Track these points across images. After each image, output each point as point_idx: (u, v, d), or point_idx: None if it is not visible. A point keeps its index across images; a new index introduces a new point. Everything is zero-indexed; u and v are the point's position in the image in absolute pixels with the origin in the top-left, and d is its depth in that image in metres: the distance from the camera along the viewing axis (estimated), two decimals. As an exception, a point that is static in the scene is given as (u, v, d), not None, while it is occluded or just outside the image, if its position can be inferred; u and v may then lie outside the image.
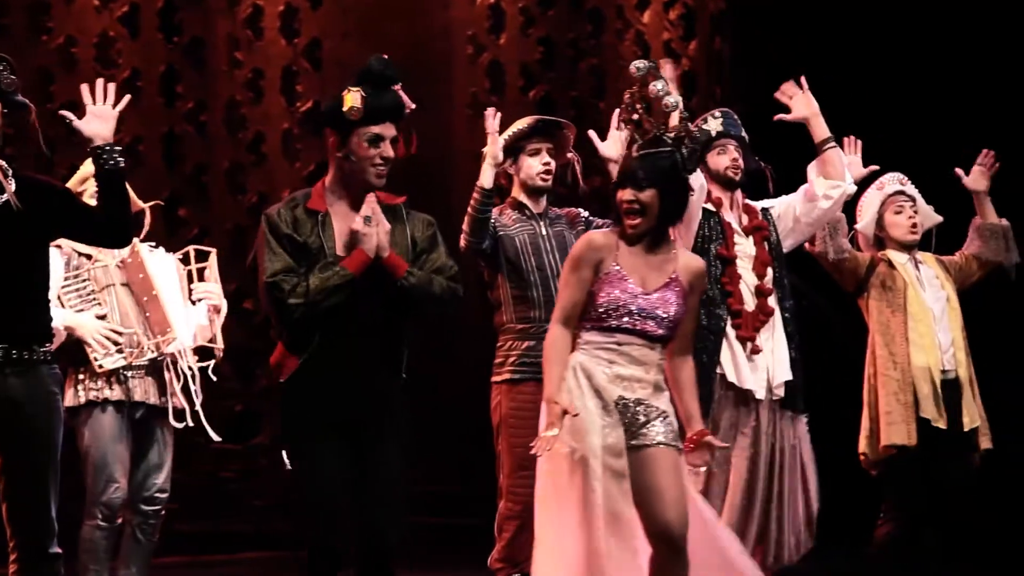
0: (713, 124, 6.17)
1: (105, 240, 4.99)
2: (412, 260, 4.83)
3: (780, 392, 6.01)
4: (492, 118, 5.96)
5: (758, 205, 6.21)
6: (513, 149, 6.00)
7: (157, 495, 6.03)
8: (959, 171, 6.50)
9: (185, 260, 6.13)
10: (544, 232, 6.01)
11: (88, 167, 6.30)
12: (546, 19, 10.18)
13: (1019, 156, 6.97)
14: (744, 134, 6.25)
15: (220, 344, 6.06)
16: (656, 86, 4.91)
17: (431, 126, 9.87)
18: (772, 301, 6.04)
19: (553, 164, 6.02)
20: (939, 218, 6.45)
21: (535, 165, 5.99)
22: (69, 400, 6.00)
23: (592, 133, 5.93)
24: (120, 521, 5.98)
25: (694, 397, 5.04)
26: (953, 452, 6.13)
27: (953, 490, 6.17)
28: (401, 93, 4.87)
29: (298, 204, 4.84)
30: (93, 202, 6.06)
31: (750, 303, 6.02)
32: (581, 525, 4.75)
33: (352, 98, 4.76)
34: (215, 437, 6.00)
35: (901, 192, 6.34)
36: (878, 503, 6.27)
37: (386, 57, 4.93)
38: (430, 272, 4.83)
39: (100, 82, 4.76)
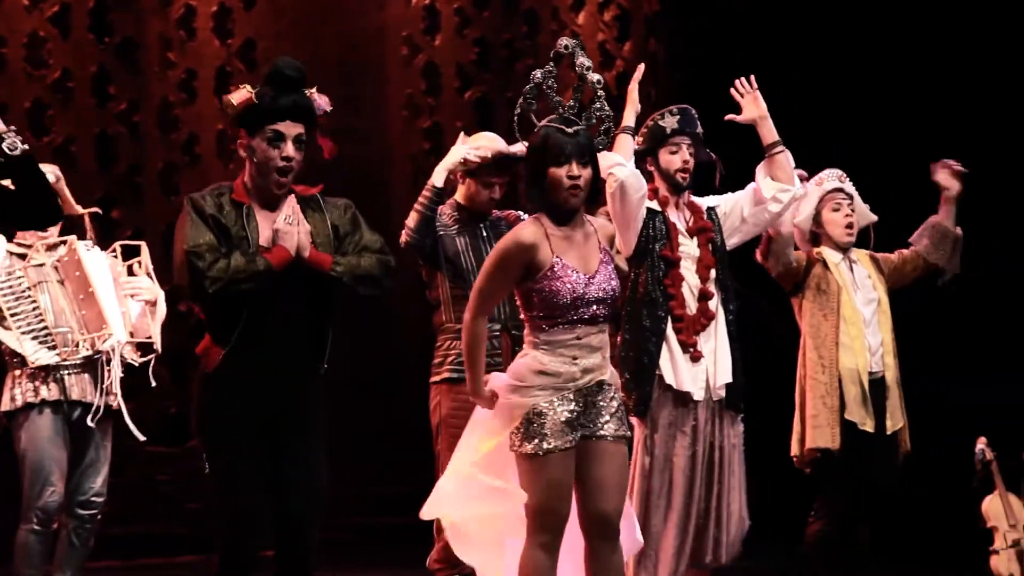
0: (669, 121, 6.11)
1: (32, 222, 4.95)
2: (336, 245, 4.85)
3: (721, 393, 6.02)
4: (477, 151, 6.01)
5: (703, 203, 6.17)
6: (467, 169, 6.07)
7: (93, 499, 5.98)
8: (936, 166, 6.53)
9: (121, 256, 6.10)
10: (485, 234, 6.07)
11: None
12: (481, 20, 10.18)
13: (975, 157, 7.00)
14: (699, 130, 6.19)
15: (157, 340, 6.01)
16: (583, 61, 4.94)
17: (367, 127, 9.88)
18: (714, 304, 6.03)
19: (499, 195, 6.11)
20: (874, 217, 6.49)
21: (483, 193, 6.08)
22: (5, 404, 5.95)
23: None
24: (56, 526, 5.92)
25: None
26: (879, 453, 6.21)
27: (880, 490, 6.25)
28: (314, 96, 4.88)
29: (224, 193, 4.87)
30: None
31: (692, 306, 6.01)
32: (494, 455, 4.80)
33: (238, 95, 4.80)
34: (140, 437, 5.95)
35: (840, 189, 6.36)
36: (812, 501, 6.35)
37: (296, 61, 4.96)
38: (357, 252, 4.84)
39: None
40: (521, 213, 6.18)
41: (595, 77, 4.95)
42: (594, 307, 4.79)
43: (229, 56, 9.83)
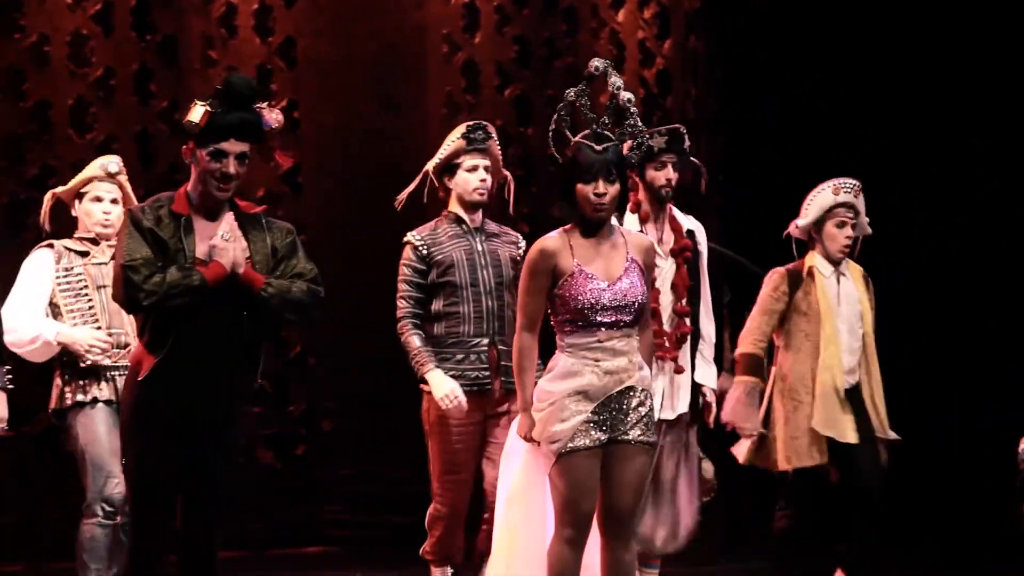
0: (658, 140, 6.27)
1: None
2: (273, 267, 4.92)
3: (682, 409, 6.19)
4: None
5: (684, 223, 6.30)
6: (450, 165, 6.09)
7: None
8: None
9: None
10: (480, 248, 6.08)
11: (90, 170, 6.31)
12: (521, 18, 10.18)
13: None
14: (687, 146, 6.36)
15: None
16: (615, 81, 5.09)
17: (405, 125, 9.90)
18: (690, 321, 6.22)
19: (489, 180, 6.13)
20: (868, 231, 6.55)
21: (472, 180, 6.09)
22: (55, 402, 5.99)
23: None
24: (120, 519, 5.95)
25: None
26: (861, 463, 6.32)
27: (865, 499, 6.35)
28: (264, 112, 4.93)
29: (163, 205, 4.95)
30: (92, 207, 6.13)
31: (668, 323, 6.15)
32: (543, 521, 5.00)
33: (194, 112, 4.86)
34: None
35: (851, 206, 6.39)
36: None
37: (248, 78, 5.12)
38: (290, 277, 4.91)
39: None
40: (520, 238, 6.26)
41: (627, 95, 5.11)
42: (614, 313, 4.96)
43: (270, 54, 9.86)
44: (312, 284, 4.97)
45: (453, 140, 6.11)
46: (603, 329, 4.97)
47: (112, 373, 5.93)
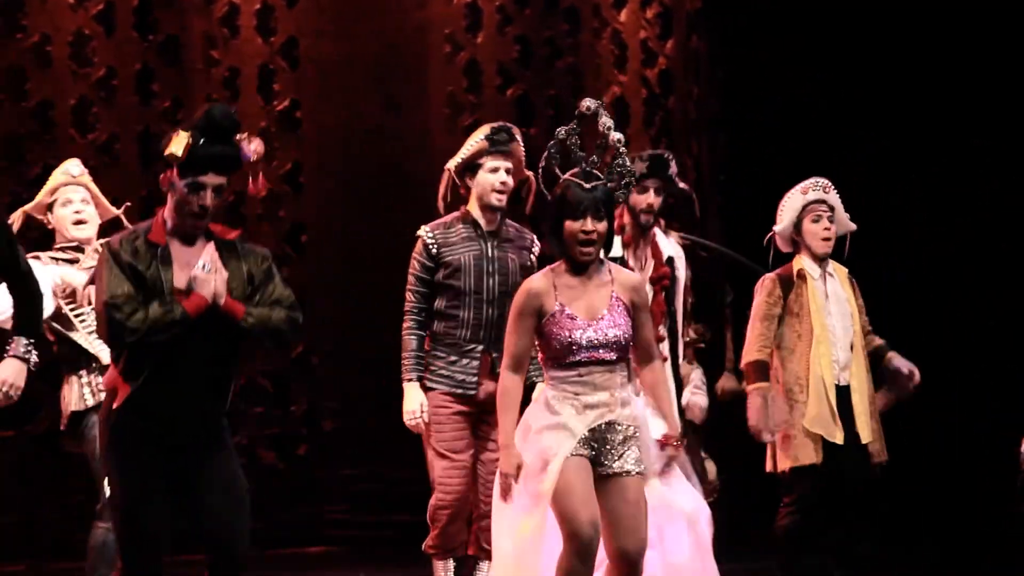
0: (640, 166, 6.26)
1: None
2: (249, 294, 4.93)
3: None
4: None
5: (666, 250, 6.35)
6: (472, 165, 6.07)
7: None
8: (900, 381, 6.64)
9: None
10: (490, 254, 6.08)
11: (54, 179, 6.33)
12: (523, 18, 10.18)
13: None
14: (672, 172, 6.38)
15: None
16: (605, 122, 5.18)
17: (407, 124, 9.91)
18: (665, 348, 6.20)
19: (510, 183, 6.10)
20: (853, 226, 6.62)
21: (493, 182, 6.07)
22: (75, 404, 5.99)
23: None
24: None
25: (664, 399, 5.33)
26: (850, 464, 6.35)
27: (852, 500, 6.40)
28: (242, 144, 4.94)
29: (139, 236, 4.94)
30: (64, 211, 6.14)
31: None
32: (537, 531, 5.04)
33: (177, 142, 4.85)
34: None
35: (822, 201, 6.47)
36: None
37: (228, 109, 5.01)
38: (268, 304, 4.93)
39: None
40: (535, 238, 6.25)
41: (617, 136, 5.18)
42: (594, 351, 5.07)
43: (272, 54, 9.87)
44: (291, 312, 4.96)
45: (476, 141, 6.09)
46: (583, 365, 5.06)
47: None
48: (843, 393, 6.34)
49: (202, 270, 4.84)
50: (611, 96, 10.11)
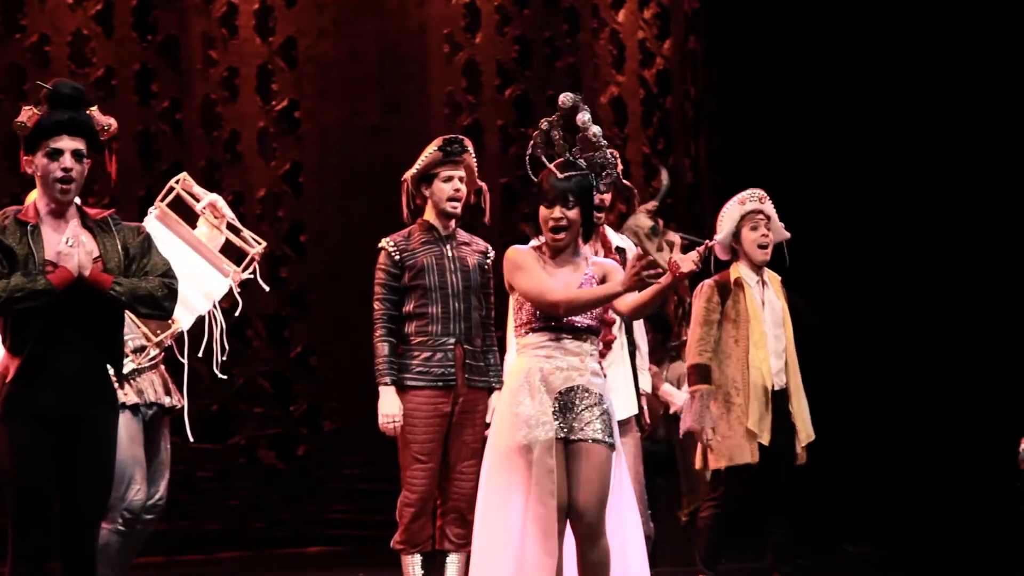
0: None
1: None
2: (127, 266, 5.10)
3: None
4: None
5: (615, 241, 6.48)
6: (427, 175, 6.29)
7: (158, 502, 6.05)
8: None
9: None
10: (450, 254, 6.31)
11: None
12: (522, 18, 10.20)
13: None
14: (618, 170, 6.42)
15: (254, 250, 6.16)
16: (583, 116, 5.34)
17: (407, 124, 9.92)
18: (616, 329, 6.32)
19: (463, 191, 6.32)
20: (787, 235, 6.79)
21: (447, 190, 6.28)
22: None
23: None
24: (140, 526, 5.97)
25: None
26: (779, 464, 6.53)
27: (783, 497, 6.59)
28: (96, 115, 5.09)
29: (8, 216, 5.11)
30: None
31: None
32: (522, 520, 5.16)
33: (26, 115, 5.01)
34: (191, 438, 6.04)
35: (759, 211, 6.70)
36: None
37: (74, 82, 5.14)
38: (142, 274, 5.10)
39: None
40: (490, 248, 6.40)
41: (594, 129, 5.35)
42: (566, 319, 5.25)
43: (271, 54, 9.89)
44: (164, 278, 5.14)
45: (430, 152, 6.37)
46: (554, 330, 5.24)
47: (135, 377, 5.97)
48: (777, 397, 6.54)
49: (66, 244, 4.97)
50: (609, 96, 10.14)
